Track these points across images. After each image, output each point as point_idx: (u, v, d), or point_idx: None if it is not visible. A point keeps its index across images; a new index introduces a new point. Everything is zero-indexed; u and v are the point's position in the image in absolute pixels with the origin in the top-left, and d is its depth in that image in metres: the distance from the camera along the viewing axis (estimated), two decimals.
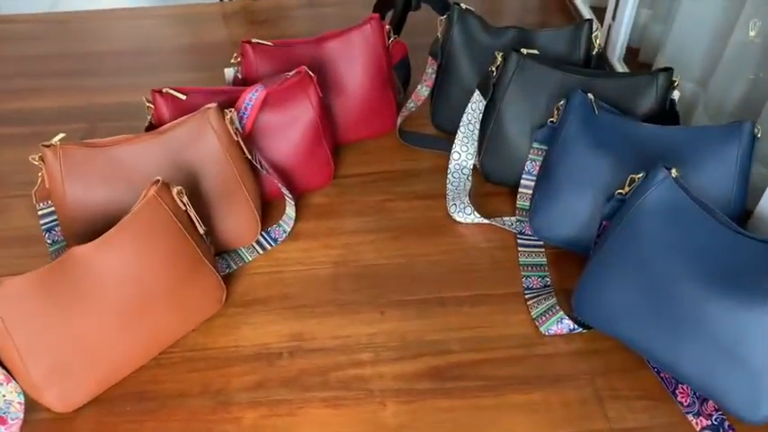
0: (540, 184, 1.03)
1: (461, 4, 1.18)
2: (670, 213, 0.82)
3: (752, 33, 1.08)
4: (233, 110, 1.00)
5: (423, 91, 1.30)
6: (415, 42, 1.49)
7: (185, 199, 0.88)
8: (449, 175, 1.17)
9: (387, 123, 1.30)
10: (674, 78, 1.00)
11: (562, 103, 1.00)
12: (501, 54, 1.08)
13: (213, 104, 0.98)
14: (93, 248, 0.81)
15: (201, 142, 0.97)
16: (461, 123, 1.16)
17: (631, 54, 1.44)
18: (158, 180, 0.85)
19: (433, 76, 1.27)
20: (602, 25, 1.48)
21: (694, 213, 0.82)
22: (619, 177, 0.93)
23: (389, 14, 1.51)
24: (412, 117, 1.33)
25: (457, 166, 1.18)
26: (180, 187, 0.88)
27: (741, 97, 1.05)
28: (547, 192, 1.00)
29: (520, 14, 1.72)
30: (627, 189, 0.88)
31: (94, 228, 0.93)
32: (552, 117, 1.03)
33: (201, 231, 0.92)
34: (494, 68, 1.08)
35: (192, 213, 0.90)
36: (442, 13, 1.48)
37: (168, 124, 0.98)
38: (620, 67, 1.38)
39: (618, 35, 1.36)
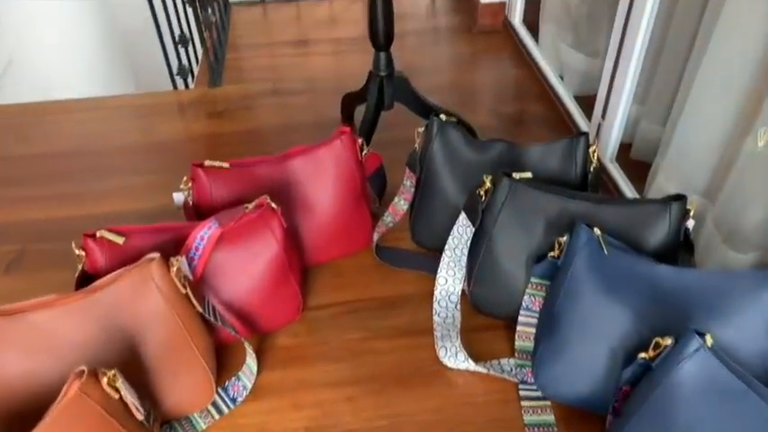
0: (543, 332, 0.89)
1: (442, 116, 1.06)
2: (706, 390, 0.69)
3: (761, 144, 0.98)
4: (180, 257, 0.85)
5: (401, 204, 1.17)
6: (390, 137, 1.37)
7: (120, 382, 0.72)
8: (435, 305, 1.03)
9: (362, 240, 1.15)
10: (687, 207, 0.88)
11: (565, 238, 0.87)
12: (489, 178, 0.95)
13: (155, 255, 0.82)
14: None
15: (142, 301, 0.81)
16: (447, 247, 1.02)
17: (622, 148, 1.33)
18: (82, 370, 0.68)
19: (412, 189, 1.14)
20: (589, 120, 1.39)
21: (735, 389, 0.69)
22: (637, 328, 0.80)
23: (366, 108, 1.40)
24: (389, 230, 1.19)
25: (443, 293, 1.04)
26: (113, 371, 0.71)
27: (763, 217, 0.94)
28: (553, 343, 0.86)
29: (495, 103, 1.61)
30: (652, 353, 0.74)
31: (13, 409, 0.77)
32: (553, 251, 0.90)
33: (141, 418, 0.75)
34: (482, 192, 0.95)
35: (130, 400, 0.73)
36: (417, 113, 1.38)
37: (101, 280, 0.81)
38: (613, 168, 1.28)
39: (609, 135, 1.25)
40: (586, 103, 1.45)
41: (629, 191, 1.21)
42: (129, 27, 3.50)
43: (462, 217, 0.99)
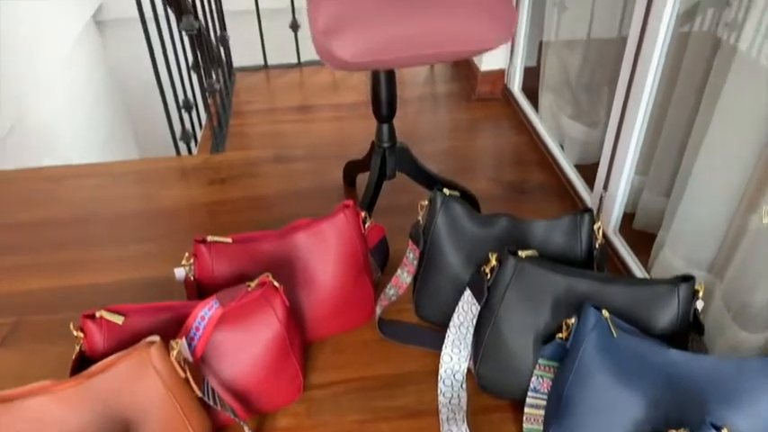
0: (553, 416, 0.86)
1: (445, 191, 1.06)
2: None
3: (765, 221, 0.98)
4: (180, 340, 0.83)
5: (404, 277, 1.16)
6: (392, 203, 1.37)
7: None
8: (440, 384, 1.00)
9: (364, 314, 1.14)
10: (696, 287, 0.87)
11: (573, 321, 0.86)
12: (495, 255, 0.94)
13: (155, 338, 0.80)
14: None
15: (140, 385, 0.79)
16: (452, 324, 1.01)
17: (624, 217, 1.33)
18: None
19: (415, 262, 1.13)
20: (591, 189, 1.39)
21: None
22: (650, 415, 0.78)
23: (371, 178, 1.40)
24: (392, 303, 1.18)
25: (449, 371, 1.01)
26: None
27: None
28: (563, 428, 0.83)
29: (495, 171, 1.62)
30: None
31: None
32: (561, 332, 0.88)
33: None
34: (488, 270, 0.94)
35: None
36: (419, 182, 1.39)
37: (98, 365, 0.79)
38: (617, 240, 1.27)
39: (612, 207, 1.25)
40: (588, 171, 1.46)
41: (633, 263, 1.20)
42: (133, 91, 3.57)
43: (468, 294, 0.98)
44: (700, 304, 0.88)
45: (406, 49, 0.92)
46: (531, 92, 1.85)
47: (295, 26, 2.24)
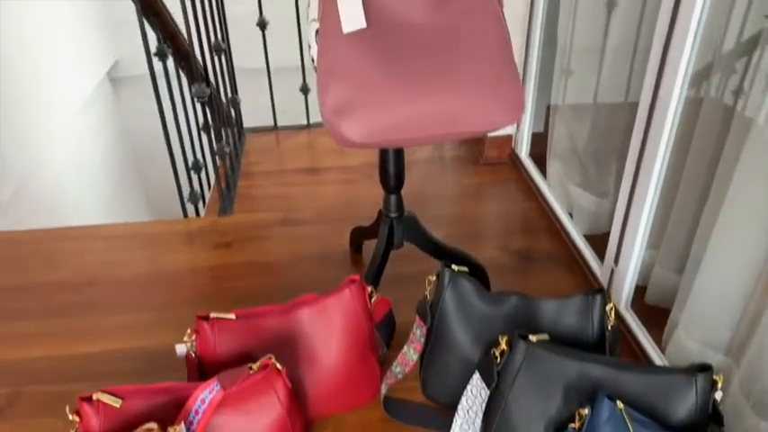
0: None
1: (453, 267, 1.04)
2: None
3: None
4: (179, 426, 0.80)
5: (411, 354, 1.12)
6: (398, 272, 1.35)
7: None
8: None
9: (368, 393, 1.10)
10: (715, 377, 0.84)
11: (587, 411, 0.82)
12: (505, 339, 0.91)
13: (152, 426, 0.77)
14: None
15: None
16: (460, 407, 0.97)
17: (636, 291, 1.30)
18: None
19: (422, 339, 1.10)
20: (600, 260, 1.37)
21: None
22: None
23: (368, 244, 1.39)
24: (398, 380, 1.14)
25: None
26: None
27: None
28: None
29: (503, 238, 1.61)
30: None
31: None
32: (573, 421, 0.85)
33: None
34: (497, 354, 0.92)
35: None
36: (427, 252, 1.37)
37: None
38: (629, 316, 1.24)
39: (623, 282, 1.23)
40: (598, 241, 1.44)
41: (647, 342, 1.17)
42: (144, 147, 3.62)
43: (476, 377, 0.95)
44: (719, 395, 0.84)
45: (415, 131, 0.92)
46: (539, 157, 1.86)
47: (305, 89, 2.27)
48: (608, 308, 0.98)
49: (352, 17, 0.90)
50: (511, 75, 0.95)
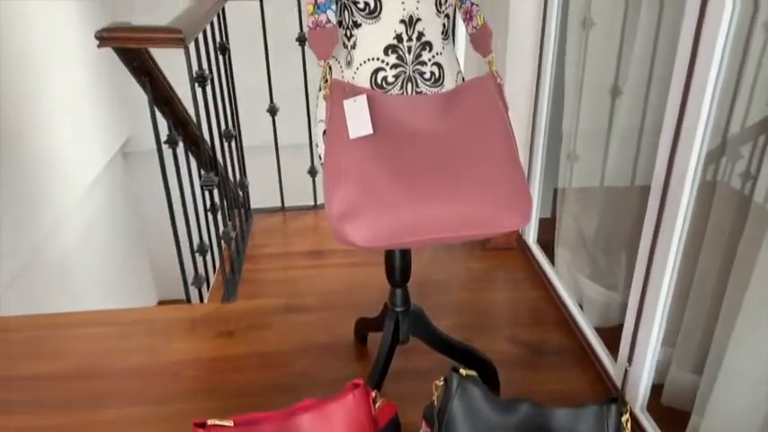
0: None
1: (461, 371, 1.00)
2: None
3: None
4: None
5: None
6: (403, 368, 1.31)
7: None
8: None
9: None
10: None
11: None
12: None
13: None
14: None
15: None
16: None
17: (652, 391, 1.24)
18: None
19: None
20: (613, 356, 1.33)
21: None
22: None
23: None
24: None
25: None
26: None
27: None
28: None
29: (512, 329, 1.57)
30: None
31: None
32: None
33: None
34: None
35: None
36: (433, 347, 1.33)
37: None
38: (644, 418, 1.18)
39: (638, 383, 1.18)
40: (609, 335, 1.40)
41: None
42: (151, 222, 3.63)
43: None
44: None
45: (420, 235, 0.91)
46: (547, 243, 1.84)
47: (313, 172, 2.30)
48: (623, 419, 0.94)
49: (359, 123, 0.91)
50: (518, 179, 0.95)
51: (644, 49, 1.45)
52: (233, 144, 1.97)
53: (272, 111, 2.16)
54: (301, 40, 2.09)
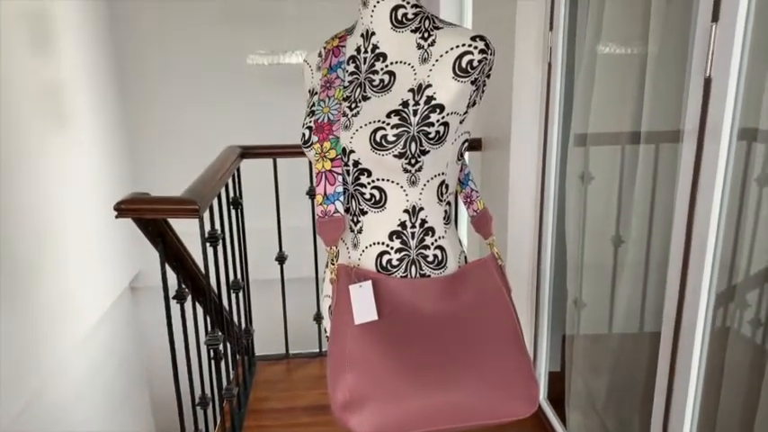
0: None
1: None
2: None
3: None
4: None
5: None
6: None
7: None
8: None
9: None
10: None
11: None
12: None
13: None
14: None
15: None
16: None
17: None
18: None
19: None
20: None
21: None
22: None
23: None
24: None
25: None
26: None
27: None
28: None
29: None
30: None
31: None
32: None
33: None
34: None
35: None
36: None
37: None
38: None
39: None
40: None
41: None
42: (156, 357, 3.57)
43: None
44: None
45: (426, 425, 0.89)
46: (558, 398, 1.78)
47: (318, 317, 2.29)
48: None
49: (364, 309, 0.93)
50: (524, 367, 0.94)
51: (642, 201, 1.48)
52: (240, 294, 1.99)
53: (281, 259, 2.20)
54: (311, 194, 2.16)
